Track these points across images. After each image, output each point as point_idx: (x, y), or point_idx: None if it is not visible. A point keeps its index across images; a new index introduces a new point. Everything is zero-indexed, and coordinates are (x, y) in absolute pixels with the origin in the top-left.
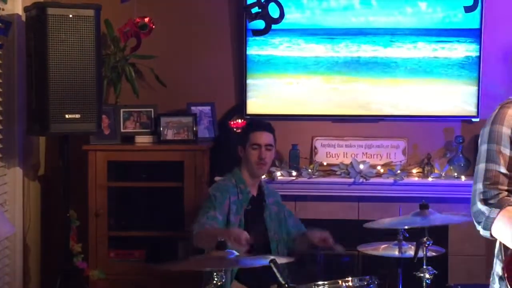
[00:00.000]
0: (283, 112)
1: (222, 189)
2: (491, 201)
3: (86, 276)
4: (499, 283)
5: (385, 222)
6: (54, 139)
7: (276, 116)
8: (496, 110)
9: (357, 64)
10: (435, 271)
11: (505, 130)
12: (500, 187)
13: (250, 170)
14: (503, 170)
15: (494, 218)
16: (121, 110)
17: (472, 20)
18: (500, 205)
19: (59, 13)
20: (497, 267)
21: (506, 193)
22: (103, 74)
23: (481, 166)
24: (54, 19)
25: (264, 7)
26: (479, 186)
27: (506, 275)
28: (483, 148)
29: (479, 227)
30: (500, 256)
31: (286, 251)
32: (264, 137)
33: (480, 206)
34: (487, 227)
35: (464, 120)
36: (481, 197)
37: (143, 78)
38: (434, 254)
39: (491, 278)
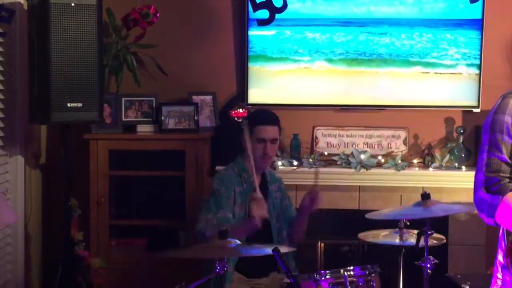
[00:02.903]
0: (284, 102)
1: (226, 182)
2: (493, 188)
3: (87, 264)
4: (502, 272)
5: (387, 213)
6: (56, 128)
7: (277, 106)
8: (499, 101)
9: (358, 54)
10: (436, 260)
11: (507, 119)
12: (501, 174)
13: (254, 163)
14: (505, 158)
15: (497, 205)
16: (123, 99)
17: (474, 11)
18: (502, 192)
19: (61, 1)
20: (499, 256)
21: (507, 180)
22: (104, 63)
23: (483, 155)
24: (56, 8)
25: None
26: (481, 175)
27: (509, 260)
28: (485, 137)
29: (483, 215)
30: (502, 245)
31: (287, 239)
32: (269, 132)
33: (482, 193)
34: (491, 214)
35: (465, 110)
36: (483, 185)
37: (144, 67)
38: (435, 242)
39: (494, 268)
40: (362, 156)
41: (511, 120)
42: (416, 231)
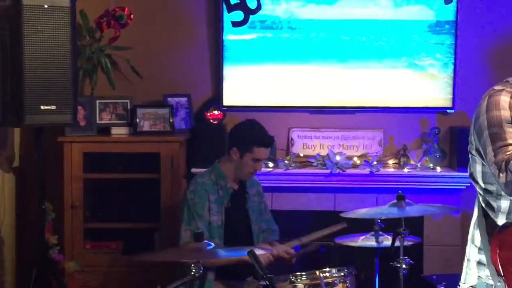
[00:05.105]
0: (260, 104)
1: (200, 192)
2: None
3: (62, 268)
4: (478, 269)
5: (362, 212)
6: (29, 131)
7: (252, 108)
8: (486, 100)
9: (334, 56)
10: (411, 261)
11: (504, 113)
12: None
13: (237, 174)
14: (511, 142)
15: None
16: (97, 101)
17: (448, 13)
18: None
19: (34, 3)
20: (472, 253)
21: None
22: (78, 65)
23: (488, 150)
24: (29, 9)
25: None
26: (490, 157)
27: (498, 257)
28: (484, 134)
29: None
30: (475, 242)
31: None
32: (268, 153)
33: (503, 175)
34: None
35: (440, 111)
36: (497, 168)
37: (119, 69)
38: (410, 243)
39: (464, 265)
40: (338, 158)
41: (508, 113)
42: (390, 235)
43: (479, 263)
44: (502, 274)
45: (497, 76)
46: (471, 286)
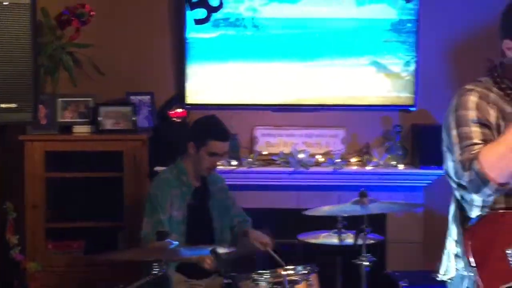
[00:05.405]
0: (223, 102)
1: (162, 186)
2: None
3: (23, 268)
4: (456, 261)
5: (325, 209)
6: None
7: (215, 106)
8: (455, 99)
9: (297, 54)
10: (374, 258)
11: (471, 113)
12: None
13: (197, 170)
14: (477, 141)
15: (480, 168)
16: (59, 100)
17: (410, 11)
18: (476, 156)
19: None
20: (451, 246)
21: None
22: (40, 63)
23: (455, 149)
24: None
25: None
26: (457, 157)
27: (470, 248)
28: (452, 133)
29: (480, 194)
30: (453, 235)
31: (229, 239)
32: (223, 147)
33: (467, 173)
34: (483, 177)
35: (402, 109)
36: (461, 166)
37: (81, 67)
38: (372, 241)
39: (444, 258)
40: (301, 156)
41: (475, 113)
42: (353, 233)
43: (457, 255)
44: (474, 265)
45: (458, 74)
46: (449, 279)
